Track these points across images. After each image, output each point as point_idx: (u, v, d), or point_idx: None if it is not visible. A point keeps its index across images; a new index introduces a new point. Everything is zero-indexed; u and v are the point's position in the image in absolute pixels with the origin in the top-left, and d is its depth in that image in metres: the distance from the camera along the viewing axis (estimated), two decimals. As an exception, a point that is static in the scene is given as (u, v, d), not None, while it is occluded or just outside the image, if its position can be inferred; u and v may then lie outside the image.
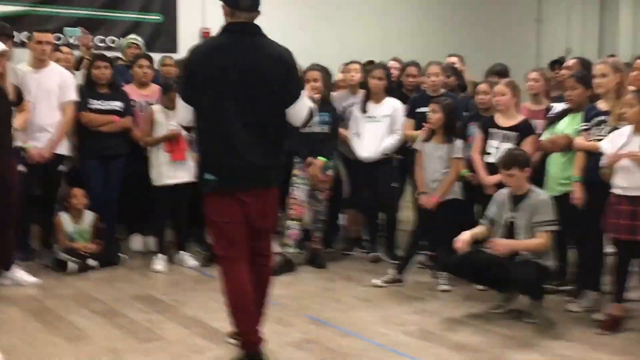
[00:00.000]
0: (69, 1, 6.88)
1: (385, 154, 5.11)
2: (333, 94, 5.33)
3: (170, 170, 4.94)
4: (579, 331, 3.68)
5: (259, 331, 3.07)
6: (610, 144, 3.65)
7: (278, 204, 3.29)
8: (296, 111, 3.02)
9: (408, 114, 5.08)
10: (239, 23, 2.94)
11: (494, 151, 4.35)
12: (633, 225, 3.53)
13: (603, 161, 3.67)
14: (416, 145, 4.71)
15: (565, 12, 11.06)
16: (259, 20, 2.99)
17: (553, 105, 4.59)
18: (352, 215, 5.57)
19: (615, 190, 3.62)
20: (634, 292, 4.05)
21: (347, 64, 5.53)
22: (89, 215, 5.02)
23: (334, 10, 8.70)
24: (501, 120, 4.41)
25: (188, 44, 3.74)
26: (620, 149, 3.58)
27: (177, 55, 6.29)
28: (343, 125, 5.19)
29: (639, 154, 3.51)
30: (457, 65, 5.84)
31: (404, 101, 5.19)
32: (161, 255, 4.98)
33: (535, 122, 4.46)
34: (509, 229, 3.88)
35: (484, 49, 8.68)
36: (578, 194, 3.90)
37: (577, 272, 4.26)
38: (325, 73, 5.08)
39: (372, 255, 5.30)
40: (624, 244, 3.64)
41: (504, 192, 3.98)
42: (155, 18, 7.35)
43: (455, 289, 4.41)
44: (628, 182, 3.55)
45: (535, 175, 4.08)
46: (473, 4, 10.04)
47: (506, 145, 4.25)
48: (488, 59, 5.98)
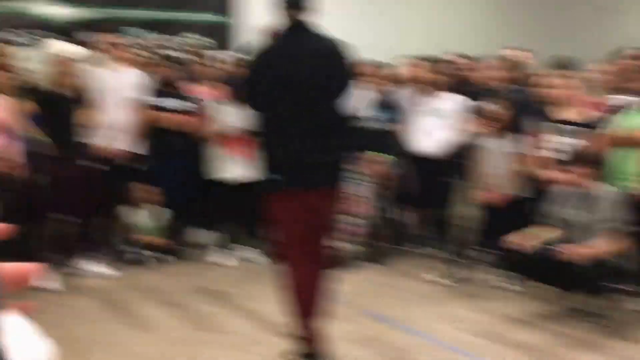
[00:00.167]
0: (137, 4, 7.14)
1: (446, 150, 5.06)
2: (393, 90, 5.32)
3: (233, 167, 5.07)
4: (648, 333, 3.57)
5: (319, 329, 3.11)
6: None
7: (340, 202, 3.29)
8: (352, 101, 3.03)
9: (469, 108, 5.01)
10: (291, 21, 2.98)
11: (558, 147, 4.24)
12: None
13: None
14: (477, 140, 4.65)
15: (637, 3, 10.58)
16: (319, 16, 3.02)
17: (616, 97, 4.40)
18: (413, 211, 5.55)
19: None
20: None
21: (408, 59, 5.51)
22: (159, 211, 5.21)
23: (393, 4, 8.65)
24: (566, 115, 4.29)
25: (253, 43, 3.82)
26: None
27: (242, 55, 6.40)
28: (403, 121, 5.18)
29: None
30: (521, 58, 5.70)
31: (464, 96, 5.13)
32: (225, 250, 5.12)
33: (601, 116, 4.31)
34: (575, 228, 3.78)
35: (550, 40, 8.42)
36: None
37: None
38: (385, 68, 5.08)
39: (432, 251, 5.26)
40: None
41: (569, 190, 3.88)
42: (217, 18, 7.52)
43: (517, 287, 4.33)
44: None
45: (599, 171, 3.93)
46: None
47: (571, 141, 4.14)
48: (554, 51, 5.81)
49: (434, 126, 5.03)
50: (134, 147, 5.23)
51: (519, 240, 3.82)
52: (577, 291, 3.91)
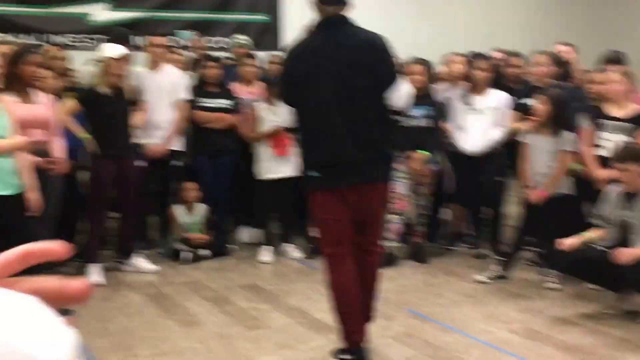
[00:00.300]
0: (181, 6, 7.25)
1: (490, 147, 5.00)
2: (435, 87, 5.28)
3: (274, 165, 5.11)
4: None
5: (364, 328, 3.09)
6: None
7: (383, 199, 3.23)
8: (394, 96, 2.98)
9: (514, 105, 4.94)
10: (328, 17, 2.96)
11: (606, 144, 4.14)
12: None
13: None
14: (522, 138, 4.57)
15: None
16: (361, 14, 3.02)
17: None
18: (456, 209, 5.50)
19: None
20: None
21: (450, 56, 5.45)
22: (201, 208, 5.28)
23: (436, 1, 8.57)
24: (614, 111, 4.19)
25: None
26: None
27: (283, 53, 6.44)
28: (445, 118, 5.13)
29: None
30: (567, 54, 5.58)
31: (508, 93, 5.05)
32: (267, 246, 5.17)
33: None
34: (623, 229, 3.68)
35: (598, 35, 8.21)
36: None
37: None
38: (427, 65, 5.04)
39: (476, 250, 5.21)
40: None
41: (617, 189, 3.78)
42: (262, 18, 7.58)
43: (564, 287, 4.25)
44: None
45: None
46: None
47: (619, 138, 4.04)
48: (603, 46, 5.67)
49: (480, 124, 4.97)
50: (181, 146, 5.33)
51: (569, 241, 3.73)
52: (626, 292, 3.81)
